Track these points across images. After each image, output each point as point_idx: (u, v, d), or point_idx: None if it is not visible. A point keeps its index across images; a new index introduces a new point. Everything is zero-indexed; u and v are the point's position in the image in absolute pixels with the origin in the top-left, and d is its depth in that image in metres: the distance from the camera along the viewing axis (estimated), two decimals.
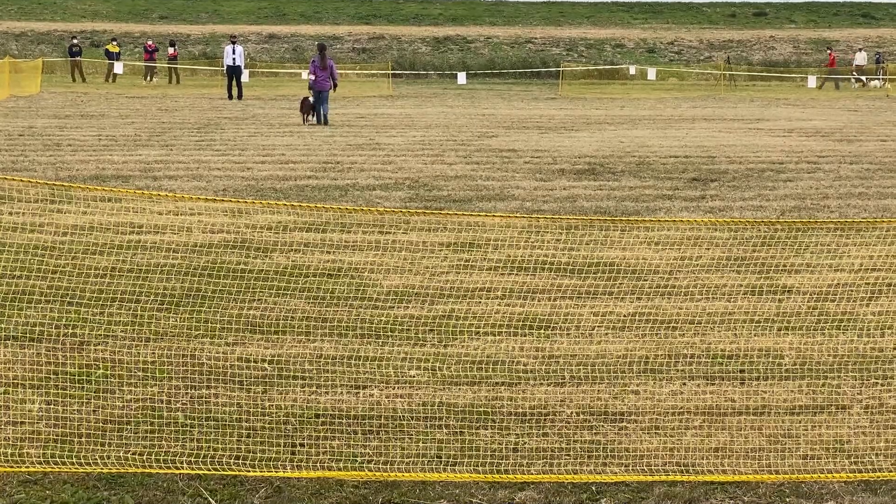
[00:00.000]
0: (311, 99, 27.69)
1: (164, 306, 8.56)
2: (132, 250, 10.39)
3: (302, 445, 6.08)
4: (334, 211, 12.18)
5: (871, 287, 9.36)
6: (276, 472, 5.76)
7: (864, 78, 55.39)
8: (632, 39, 71.11)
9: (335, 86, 28.26)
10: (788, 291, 9.42)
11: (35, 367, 7.17)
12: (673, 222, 11.34)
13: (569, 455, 6.03)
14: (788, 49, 68.15)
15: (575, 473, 5.81)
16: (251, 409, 6.56)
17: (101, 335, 7.82)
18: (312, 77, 27.84)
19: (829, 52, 57.76)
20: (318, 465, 5.85)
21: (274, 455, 5.94)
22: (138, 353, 7.51)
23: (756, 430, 6.41)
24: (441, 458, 5.97)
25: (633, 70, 60.23)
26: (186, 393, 6.83)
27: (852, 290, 9.31)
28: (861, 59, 57.79)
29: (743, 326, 8.39)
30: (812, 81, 50.91)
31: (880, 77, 55.51)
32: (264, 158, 19.61)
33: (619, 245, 11.20)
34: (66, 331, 7.88)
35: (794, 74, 57.84)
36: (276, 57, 65.05)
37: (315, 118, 27.57)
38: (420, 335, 8.08)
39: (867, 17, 79.44)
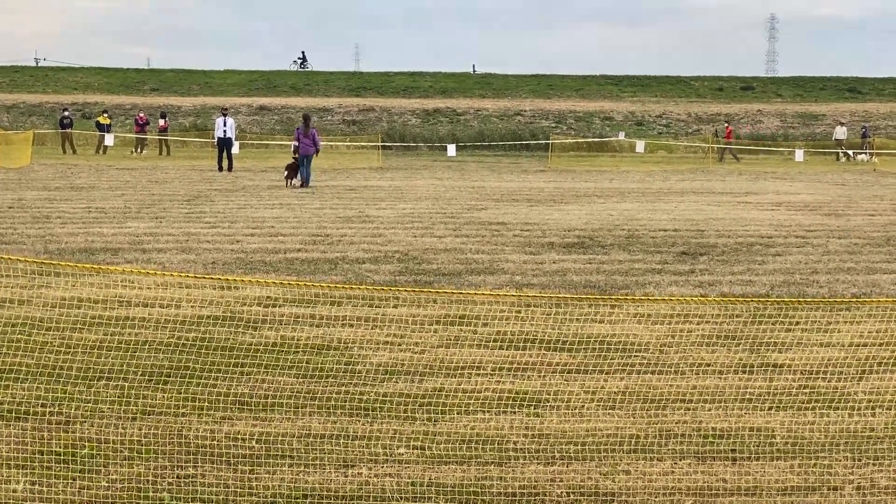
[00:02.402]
0: (296, 160, 31.45)
1: (152, 382, 8.51)
2: (120, 325, 10.34)
3: None
4: (323, 287, 12.17)
5: (861, 364, 9.34)
6: None
7: (850, 152, 55.80)
8: (620, 112, 71.70)
9: (318, 151, 31.98)
10: (779, 368, 9.40)
11: (20, 445, 7.10)
12: (663, 301, 11.36)
13: None
14: (776, 123, 68.76)
15: None
16: (238, 489, 6.49)
17: (87, 413, 7.75)
18: (296, 143, 31.68)
19: (725, 124, 58.18)
20: None
21: None
22: (125, 430, 7.44)
23: None
24: None
25: (622, 135, 60.67)
26: (173, 472, 6.76)
27: (843, 368, 9.29)
28: (841, 133, 57.98)
29: (734, 404, 8.35)
30: (799, 155, 51.29)
31: (866, 151, 55.95)
32: (254, 231, 19.63)
33: (608, 320, 11.19)
34: (52, 408, 7.82)
35: (782, 148, 58.30)
36: (267, 128, 65.42)
37: (298, 181, 30.92)
38: (409, 412, 8.03)
39: (853, 91, 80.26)
